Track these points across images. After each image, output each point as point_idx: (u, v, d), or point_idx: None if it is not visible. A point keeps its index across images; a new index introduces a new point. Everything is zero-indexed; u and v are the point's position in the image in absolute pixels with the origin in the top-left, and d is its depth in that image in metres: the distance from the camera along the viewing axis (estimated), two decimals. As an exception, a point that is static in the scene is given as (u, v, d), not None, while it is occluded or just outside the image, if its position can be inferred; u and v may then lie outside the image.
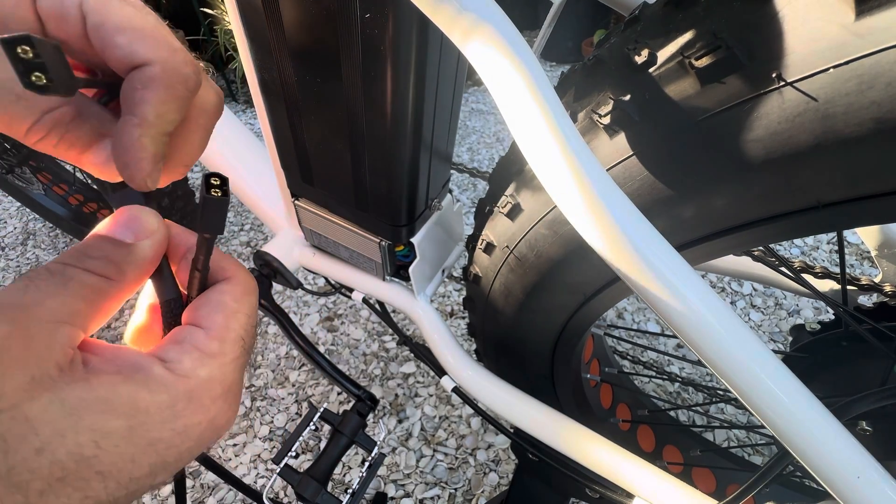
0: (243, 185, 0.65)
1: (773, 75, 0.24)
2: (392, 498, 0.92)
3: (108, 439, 0.16)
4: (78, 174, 1.32)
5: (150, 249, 0.20)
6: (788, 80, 0.24)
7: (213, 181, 0.20)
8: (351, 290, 0.64)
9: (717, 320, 0.25)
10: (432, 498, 0.92)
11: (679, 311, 0.24)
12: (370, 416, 0.75)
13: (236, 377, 0.20)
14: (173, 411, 0.18)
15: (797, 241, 1.42)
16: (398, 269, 0.58)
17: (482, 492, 0.92)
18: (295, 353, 1.17)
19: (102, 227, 0.20)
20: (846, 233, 1.28)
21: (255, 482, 0.95)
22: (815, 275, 0.62)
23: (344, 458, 0.97)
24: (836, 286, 0.64)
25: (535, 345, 0.52)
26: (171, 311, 0.22)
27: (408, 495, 0.92)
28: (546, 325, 0.48)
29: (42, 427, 0.15)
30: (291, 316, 1.23)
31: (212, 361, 0.19)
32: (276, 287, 1.29)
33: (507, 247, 0.44)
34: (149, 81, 0.18)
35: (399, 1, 0.31)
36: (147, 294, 0.23)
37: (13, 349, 0.15)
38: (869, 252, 1.07)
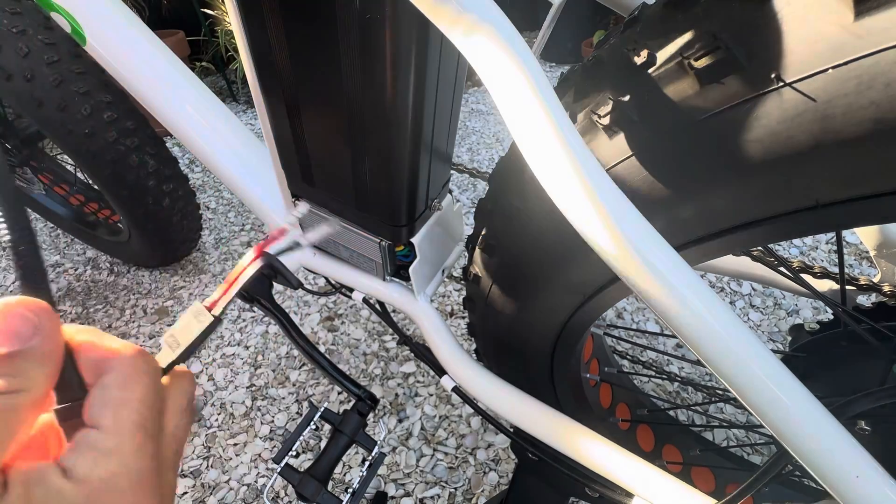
0: (244, 186, 0.65)
1: (773, 76, 0.24)
2: (392, 497, 0.92)
3: None
4: (79, 175, 1.32)
5: (45, 345, 0.19)
6: (787, 81, 0.24)
7: None
8: (351, 289, 0.64)
9: (716, 320, 0.25)
10: (432, 497, 0.92)
11: (678, 311, 0.25)
12: (370, 415, 0.75)
13: (146, 465, 0.19)
14: None
15: (796, 241, 1.42)
16: (398, 269, 0.58)
17: (482, 491, 0.92)
18: (295, 352, 1.18)
19: None
20: (845, 233, 1.28)
21: (256, 481, 0.95)
22: (814, 275, 0.62)
23: (344, 458, 0.97)
24: (835, 286, 0.64)
25: (534, 344, 0.52)
26: (69, 415, 0.20)
27: (408, 494, 0.92)
28: (546, 325, 0.48)
29: None
30: (292, 316, 1.23)
31: (109, 460, 0.18)
32: (277, 287, 1.30)
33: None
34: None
35: (399, 1, 0.31)
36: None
37: None
38: (867, 252, 1.07)
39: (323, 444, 0.60)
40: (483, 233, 0.48)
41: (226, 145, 0.64)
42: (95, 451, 0.18)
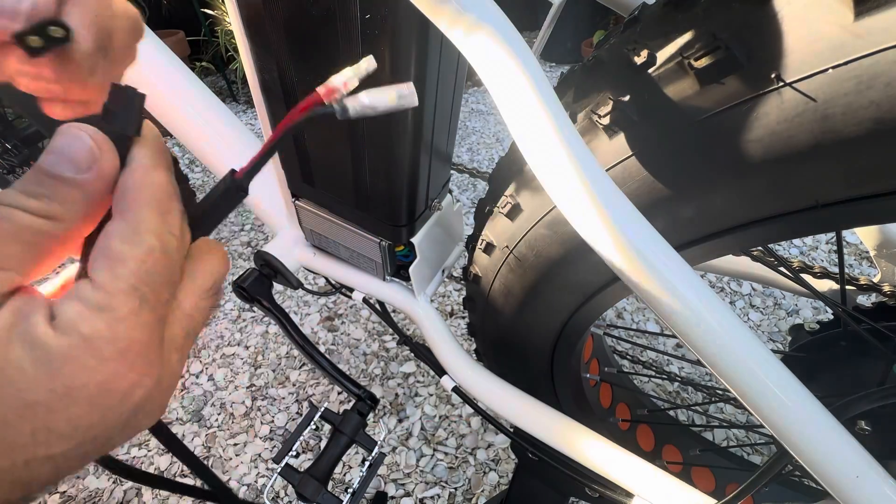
0: (243, 185, 0.65)
1: (773, 76, 0.24)
2: (392, 497, 0.92)
3: None
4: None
5: (95, 183, 0.17)
6: (787, 81, 0.24)
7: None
8: (351, 289, 0.64)
9: (716, 320, 0.25)
10: (432, 497, 0.92)
11: (678, 311, 0.25)
12: (370, 415, 0.75)
13: (138, 336, 0.17)
14: (49, 370, 0.15)
15: (796, 241, 1.42)
16: (398, 269, 0.58)
17: (482, 491, 0.92)
18: (295, 352, 1.18)
19: (43, 155, 0.17)
20: (845, 233, 1.28)
21: (256, 481, 0.95)
22: (814, 275, 0.62)
23: (344, 458, 0.97)
24: (835, 286, 0.64)
25: (534, 344, 0.52)
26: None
27: (408, 494, 0.92)
28: (546, 325, 0.48)
29: None
30: (292, 316, 1.23)
31: (96, 318, 0.16)
32: (277, 287, 1.30)
33: (506, 247, 0.44)
34: None
35: (399, 1, 0.31)
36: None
37: None
38: (867, 252, 1.07)
39: (323, 444, 0.60)
40: (483, 233, 0.48)
41: (226, 145, 0.64)
42: (83, 305, 0.16)
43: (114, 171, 0.18)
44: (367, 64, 0.21)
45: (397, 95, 0.21)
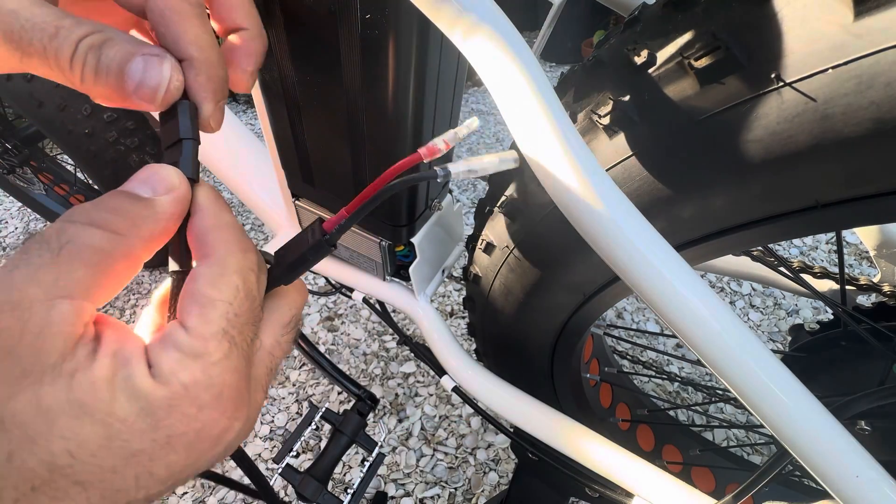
0: (243, 185, 0.65)
1: (773, 76, 0.24)
2: (392, 497, 0.92)
3: (84, 448, 0.15)
4: (79, 175, 1.32)
5: (169, 205, 0.18)
6: (787, 81, 0.24)
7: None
8: (351, 289, 0.64)
9: (717, 320, 0.25)
10: (432, 497, 0.92)
11: (678, 311, 0.25)
12: (370, 415, 0.75)
13: (230, 380, 0.17)
14: (153, 420, 0.16)
15: (796, 241, 1.42)
16: (398, 269, 0.58)
17: (482, 491, 0.92)
18: (295, 352, 1.18)
19: (126, 182, 0.18)
20: (845, 233, 1.28)
21: (256, 482, 0.95)
22: (814, 275, 0.62)
23: (344, 458, 0.97)
24: (835, 286, 0.64)
25: (534, 344, 0.52)
26: (180, 286, 0.20)
27: (408, 494, 0.92)
28: (546, 325, 0.48)
29: (14, 430, 0.14)
30: (291, 316, 1.23)
31: (193, 364, 0.17)
32: (276, 287, 1.29)
33: (506, 247, 0.44)
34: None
35: (399, 1, 0.31)
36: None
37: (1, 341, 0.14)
38: (867, 252, 1.07)
39: (323, 445, 0.60)
40: (483, 233, 0.48)
41: (225, 145, 0.64)
42: (180, 352, 0.17)
43: (185, 201, 0.19)
44: (469, 125, 0.23)
45: (499, 161, 0.23)
